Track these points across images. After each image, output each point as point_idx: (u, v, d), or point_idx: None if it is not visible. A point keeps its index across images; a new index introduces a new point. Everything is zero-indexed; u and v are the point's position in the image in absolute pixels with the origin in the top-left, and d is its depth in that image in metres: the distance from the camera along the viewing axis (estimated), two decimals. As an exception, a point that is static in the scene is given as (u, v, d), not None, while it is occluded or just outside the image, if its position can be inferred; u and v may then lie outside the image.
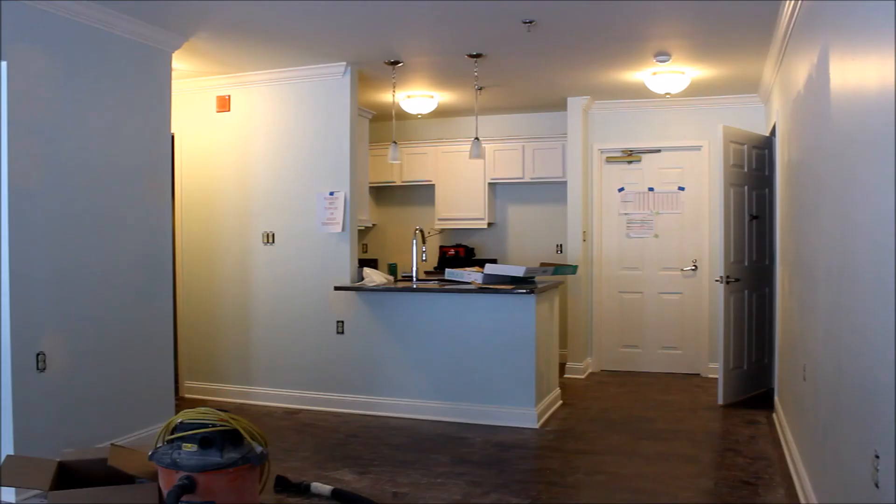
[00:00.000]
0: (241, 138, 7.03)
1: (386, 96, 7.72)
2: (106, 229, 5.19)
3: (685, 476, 4.81)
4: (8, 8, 4.42)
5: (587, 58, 6.43)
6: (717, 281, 6.78)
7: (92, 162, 5.07)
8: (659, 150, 8.21)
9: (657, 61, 6.36)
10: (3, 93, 4.43)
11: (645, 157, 8.27)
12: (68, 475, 3.92)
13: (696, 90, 7.42)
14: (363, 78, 7.02)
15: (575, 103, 8.12)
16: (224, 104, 7.09)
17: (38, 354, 4.63)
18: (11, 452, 4.39)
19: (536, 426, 5.99)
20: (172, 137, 6.05)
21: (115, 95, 5.28)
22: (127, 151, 5.37)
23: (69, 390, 4.86)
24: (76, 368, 4.92)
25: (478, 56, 6.30)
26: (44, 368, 4.67)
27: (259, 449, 3.61)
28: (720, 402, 6.69)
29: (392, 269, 7.38)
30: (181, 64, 6.39)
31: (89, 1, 4.86)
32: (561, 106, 8.34)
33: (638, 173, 8.32)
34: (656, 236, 8.26)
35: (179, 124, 6.95)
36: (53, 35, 4.75)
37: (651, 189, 8.26)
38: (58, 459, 3.99)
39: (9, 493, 4.42)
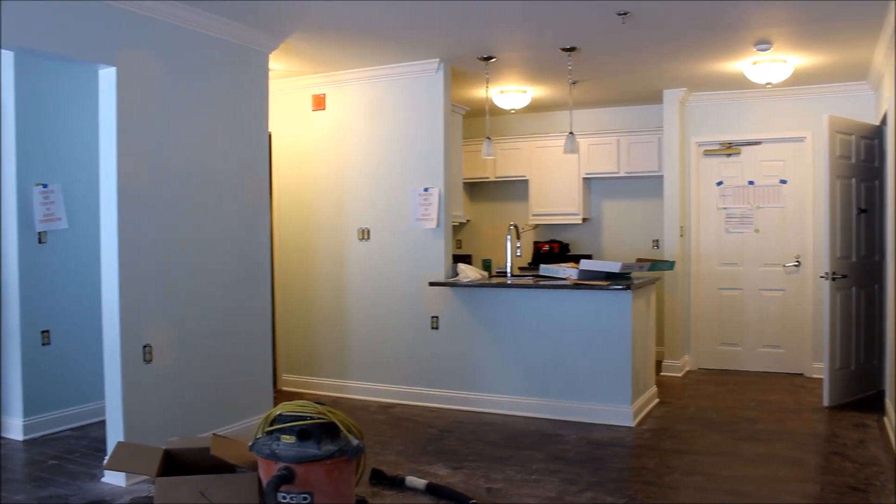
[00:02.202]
0: (337, 136, 7.15)
1: (479, 92, 7.72)
2: (208, 227, 5.36)
3: (788, 480, 4.66)
4: (116, 15, 4.62)
5: (684, 48, 6.29)
6: (822, 277, 6.54)
7: (194, 161, 5.25)
8: (759, 143, 7.96)
9: (757, 50, 6.17)
10: (114, 96, 4.64)
11: (745, 149, 8.04)
12: (173, 462, 4.06)
13: (799, 79, 7.16)
14: (456, 74, 7.04)
15: (671, 95, 7.95)
16: (319, 103, 7.22)
17: (144, 347, 4.84)
18: (122, 439, 4.59)
19: (632, 424, 5.91)
20: (269, 136, 6.19)
21: (216, 96, 5.45)
22: (227, 150, 5.54)
23: (173, 381, 5.05)
24: (180, 360, 5.11)
25: (572, 50, 6.24)
26: (150, 360, 4.87)
27: (355, 442, 3.67)
28: (825, 403, 6.45)
29: (486, 265, 7.38)
30: (278, 64, 6.53)
31: (190, 4, 5.02)
32: (657, 98, 8.18)
33: (737, 166, 8.09)
34: (757, 231, 8.02)
35: (276, 123, 7.11)
36: (157, 40, 4.94)
37: (751, 182, 8.02)
38: (164, 447, 4.14)
39: (119, 478, 4.64)
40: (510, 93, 7.83)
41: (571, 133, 6.80)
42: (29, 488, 4.64)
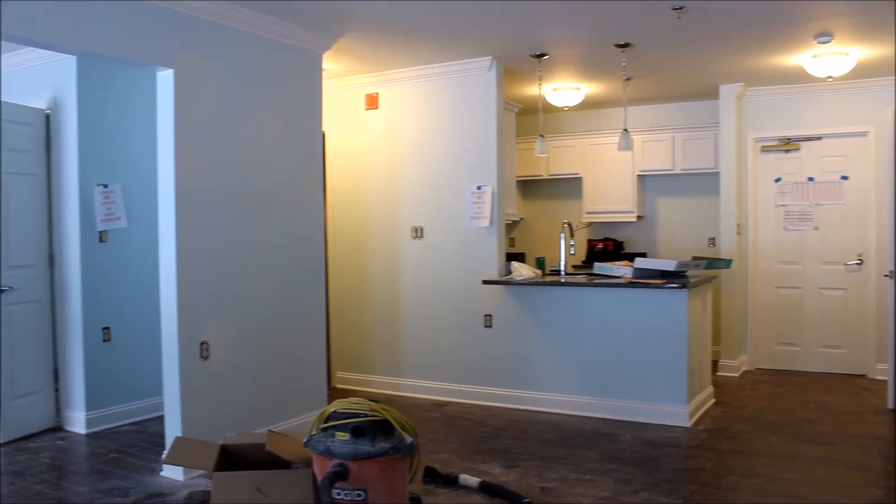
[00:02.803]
0: (390, 134, 7.18)
1: (532, 89, 7.69)
2: (263, 226, 5.43)
3: (851, 484, 4.54)
4: (173, 18, 4.71)
5: (741, 43, 6.17)
6: (885, 276, 6.37)
7: (249, 161, 5.32)
8: (820, 138, 7.78)
9: (818, 43, 6.02)
10: (171, 98, 4.73)
11: (804, 144, 7.86)
12: (229, 458, 4.12)
13: (862, 72, 6.97)
14: (509, 71, 7.02)
15: (727, 91, 7.82)
16: (373, 102, 7.26)
17: (201, 344, 4.92)
18: (179, 434, 4.67)
19: (688, 424, 5.83)
20: (323, 136, 6.24)
21: (270, 96, 5.51)
22: (281, 150, 5.60)
23: (230, 378, 5.13)
24: (236, 357, 5.19)
25: (626, 46, 6.17)
26: (207, 357, 4.96)
27: (409, 440, 3.68)
28: (890, 405, 6.27)
29: (540, 263, 7.34)
30: (331, 64, 6.59)
31: (245, 6, 5.08)
32: (712, 94, 8.05)
33: (796, 162, 7.92)
34: (816, 229, 7.84)
35: (330, 122, 7.17)
36: (213, 42, 5.02)
37: (811, 179, 7.85)
38: (220, 443, 4.21)
39: (177, 472, 4.72)
40: (563, 90, 7.77)
41: (626, 130, 6.73)
42: (91, 480, 4.75)
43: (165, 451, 4.54)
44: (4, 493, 4.54)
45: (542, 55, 6.50)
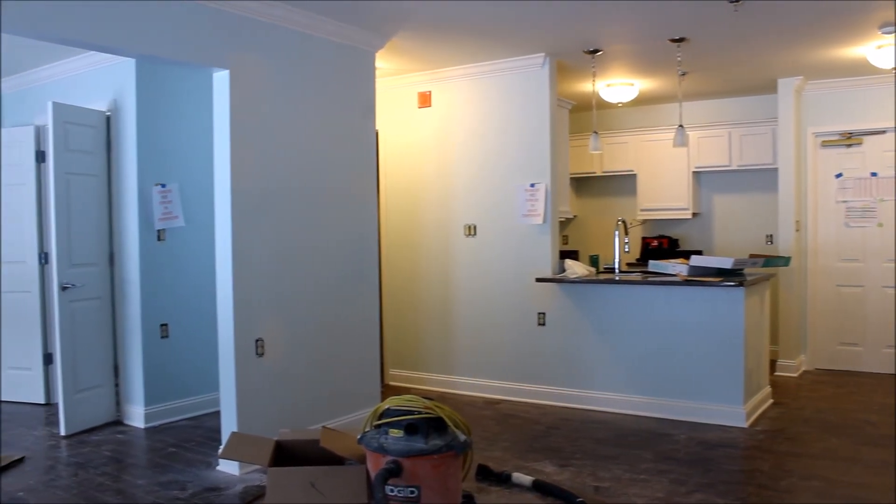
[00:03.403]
0: (442, 132, 7.19)
1: (585, 86, 7.63)
2: (317, 224, 5.48)
3: (915, 486, 4.42)
4: (228, 20, 4.78)
5: (800, 35, 6.04)
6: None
7: (304, 160, 5.37)
8: (884, 132, 7.56)
9: (882, 33, 5.85)
10: (227, 98, 4.80)
11: (867, 139, 7.66)
12: (284, 453, 4.17)
13: (928, 64, 6.77)
14: (562, 68, 6.97)
15: (786, 84, 7.65)
16: (425, 100, 7.28)
17: (257, 340, 4.98)
18: (235, 430, 4.74)
19: (744, 425, 5.72)
20: (376, 134, 6.27)
21: (324, 95, 5.55)
22: (335, 149, 5.64)
23: (284, 375, 5.19)
24: (290, 354, 5.24)
25: (681, 40, 6.09)
26: (262, 354, 5.02)
27: (462, 437, 3.68)
28: (956, 406, 6.10)
29: (594, 261, 7.28)
30: (384, 63, 6.61)
31: (299, 6, 5.13)
32: (770, 88, 7.89)
33: (858, 157, 7.72)
34: (880, 225, 7.63)
35: (383, 121, 7.19)
36: (268, 42, 5.08)
37: (874, 174, 7.64)
38: (275, 438, 4.26)
39: (233, 466, 4.80)
40: (617, 86, 7.70)
41: (681, 126, 6.63)
42: (150, 473, 4.86)
43: (221, 446, 4.61)
44: (68, 484, 4.68)
45: (595, 51, 6.45)
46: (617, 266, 6.79)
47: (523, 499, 4.32)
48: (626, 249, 6.88)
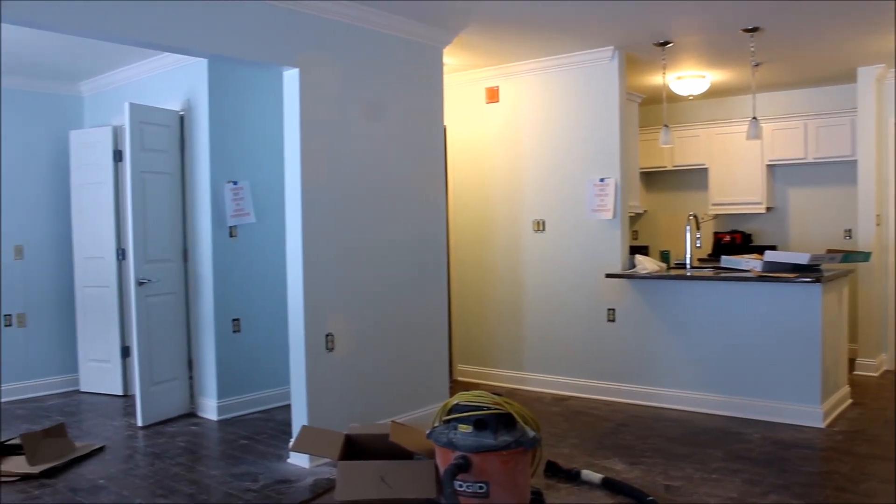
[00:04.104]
0: (510, 127, 7.16)
1: (655, 78, 7.51)
2: (385, 220, 5.50)
3: None
4: (298, 18, 4.83)
5: (882, 21, 5.81)
6: None
7: (372, 157, 5.40)
8: (970, 122, 7.28)
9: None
10: (297, 96, 4.86)
11: (952, 130, 7.37)
12: (353, 447, 4.21)
13: None
14: (631, 61, 6.87)
15: (866, 73, 7.40)
16: (493, 95, 7.26)
17: (327, 335, 5.03)
18: (305, 423, 4.80)
19: (821, 425, 5.56)
20: (444, 130, 6.28)
21: (392, 92, 5.57)
22: (403, 145, 5.66)
23: (354, 369, 5.23)
24: (360, 349, 5.29)
25: (754, 30, 5.93)
26: (332, 348, 5.07)
27: (531, 433, 3.66)
28: None
29: (664, 257, 7.17)
30: (451, 59, 6.61)
31: (367, 4, 5.16)
32: (849, 77, 7.64)
33: (943, 148, 7.43)
34: (966, 219, 7.34)
35: (450, 116, 7.19)
36: (336, 40, 5.12)
37: (960, 166, 7.35)
38: (345, 432, 4.30)
39: (303, 459, 4.86)
40: (688, 78, 7.55)
41: (754, 118, 6.47)
42: (223, 465, 4.96)
43: (292, 439, 4.68)
44: (146, 473, 4.82)
45: (665, 43, 6.33)
46: (688, 262, 6.67)
47: (593, 496, 4.28)
48: (698, 245, 6.74)
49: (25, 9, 3.61)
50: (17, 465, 4.89)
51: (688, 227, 6.60)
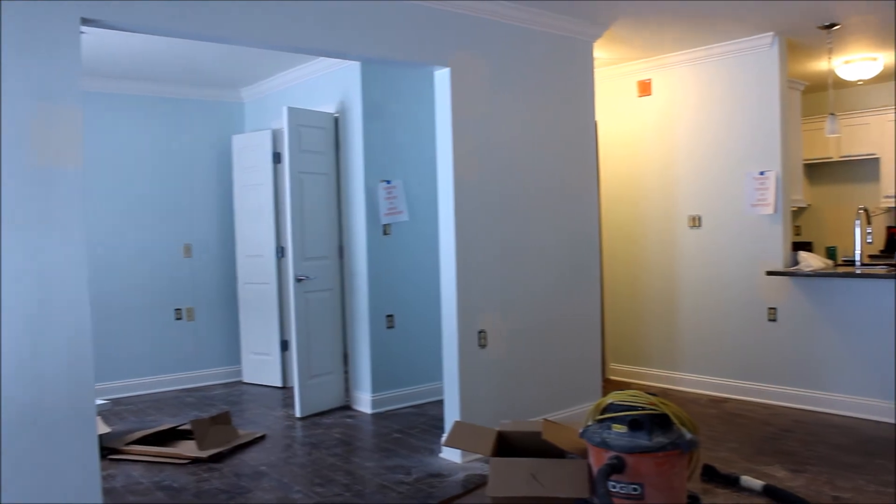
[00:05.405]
0: (664, 121, 6.96)
1: (819, 64, 7.11)
2: (537, 218, 5.48)
3: None
4: (449, 19, 4.88)
5: None
6: None
7: (523, 154, 5.39)
8: None
9: None
10: (448, 95, 4.91)
11: None
12: (505, 444, 4.21)
13: None
14: (792, 46, 6.53)
15: None
16: (645, 88, 7.09)
17: (479, 332, 5.06)
18: (458, 419, 4.84)
19: None
20: (595, 125, 6.18)
21: (542, 88, 5.53)
22: (555, 142, 5.61)
23: (506, 366, 5.24)
24: (512, 346, 5.28)
25: (934, 7, 5.52)
26: (484, 345, 5.09)
27: (688, 436, 3.54)
28: None
29: (831, 253, 6.80)
30: (601, 52, 6.50)
31: (516, 3, 5.14)
32: None
33: None
34: None
35: (601, 111, 7.07)
36: (485, 38, 5.13)
37: None
38: (497, 429, 4.30)
39: (455, 455, 4.90)
40: (857, 62, 7.09)
41: (933, 103, 6.02)
42: (377, 457, 5.08)
43: (445, 434, 4.73)
44: (304, 462, 5.02)
45: (831, 25, 5.97)
46: (858, 258, 6.28)
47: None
48: (869, 240, 6.34)
49: (197, 23, 3.85)
50: (188, 448, 5.23)
51: (858, 222, 6.21)
